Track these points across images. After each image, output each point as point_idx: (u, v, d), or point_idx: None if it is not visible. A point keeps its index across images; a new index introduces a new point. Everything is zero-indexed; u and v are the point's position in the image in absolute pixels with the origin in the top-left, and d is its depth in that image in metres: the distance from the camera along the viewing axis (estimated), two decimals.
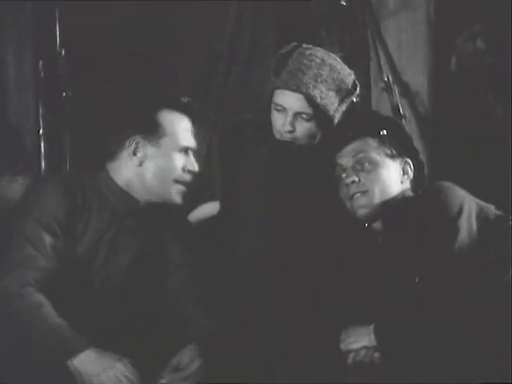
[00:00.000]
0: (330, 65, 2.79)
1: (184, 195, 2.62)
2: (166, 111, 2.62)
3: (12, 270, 2.45)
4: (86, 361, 2.36)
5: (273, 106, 2.81)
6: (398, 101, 3.71)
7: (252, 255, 2.76)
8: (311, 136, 2.80)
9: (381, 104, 3.80)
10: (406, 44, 3.88)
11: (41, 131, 3.69)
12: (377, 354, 2.48)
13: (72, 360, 2.36)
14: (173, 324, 2.61)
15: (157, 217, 2.65)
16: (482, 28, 3.71)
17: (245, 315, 2.69)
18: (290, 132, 2.78)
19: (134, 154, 2.58)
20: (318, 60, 2.78)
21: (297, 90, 2.75)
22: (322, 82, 2.76)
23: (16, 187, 3.57)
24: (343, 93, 2.81)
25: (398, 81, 3.82)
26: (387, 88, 3.75)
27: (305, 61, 2.78)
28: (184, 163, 2.60)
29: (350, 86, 2.82)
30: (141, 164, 2.59)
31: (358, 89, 2.85)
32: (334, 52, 3.02)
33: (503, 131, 3.61)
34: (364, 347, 2.49)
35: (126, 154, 2.60)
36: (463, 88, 3.75)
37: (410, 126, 3.66)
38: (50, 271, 2.48)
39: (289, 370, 2.66)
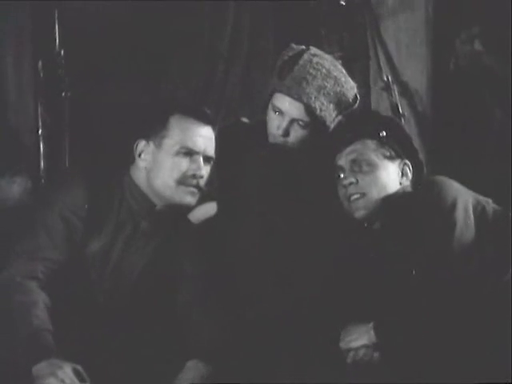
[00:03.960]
0: (335, 77, 2.79)
1: (195, 196, 2.58)
2: (179, 116, 2.59)
3: (23, 258, 2.45)
4: (41, 366, 2.29)
5: (271, 106, 2.81)
6: (398, 100, 3.72)
7: (250, 255, 2.76)
8: (303, 142, 2.81)
9: (380, 103, 3.81)
10: (406, 44, 3.88)
11: (40, 131, 3.69)
12: (376, 353, 2.48)
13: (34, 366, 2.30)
14: (181, 332, 2.59)
15: (172, 222, 2.64)
16: (480, 30, 3.71)
17: (243, 315, 2.68)
18: (283, 136, 2.78)
19: (139, 155, 2.59)
20: (324, 71, 2.78)
21: (298, 99, 2.75)
22: (324, 94, 2.76)
23: (15, 187, 3.58)
24: (342, 105, 2.82)
25: (397, 80, 3.83)
26: (386, 87, 3.76)
27: (311, 70, 2.77)
28: (188, 166, 2.56)
29: (350, 100, 2.83)
30: (146, 165, 2.58)
31: (357, 102, 2.85)
32: (333, 52, 3.02)
33: (501, 131, 3.62)
34: (363, 346, 2.49)
35: (136, 156, 2.60)
36: (462, 87, 3.75)
37: (409, 126, 3.67)
38: (58, 263, 2.48)
39: (288, 369, 2.67)
